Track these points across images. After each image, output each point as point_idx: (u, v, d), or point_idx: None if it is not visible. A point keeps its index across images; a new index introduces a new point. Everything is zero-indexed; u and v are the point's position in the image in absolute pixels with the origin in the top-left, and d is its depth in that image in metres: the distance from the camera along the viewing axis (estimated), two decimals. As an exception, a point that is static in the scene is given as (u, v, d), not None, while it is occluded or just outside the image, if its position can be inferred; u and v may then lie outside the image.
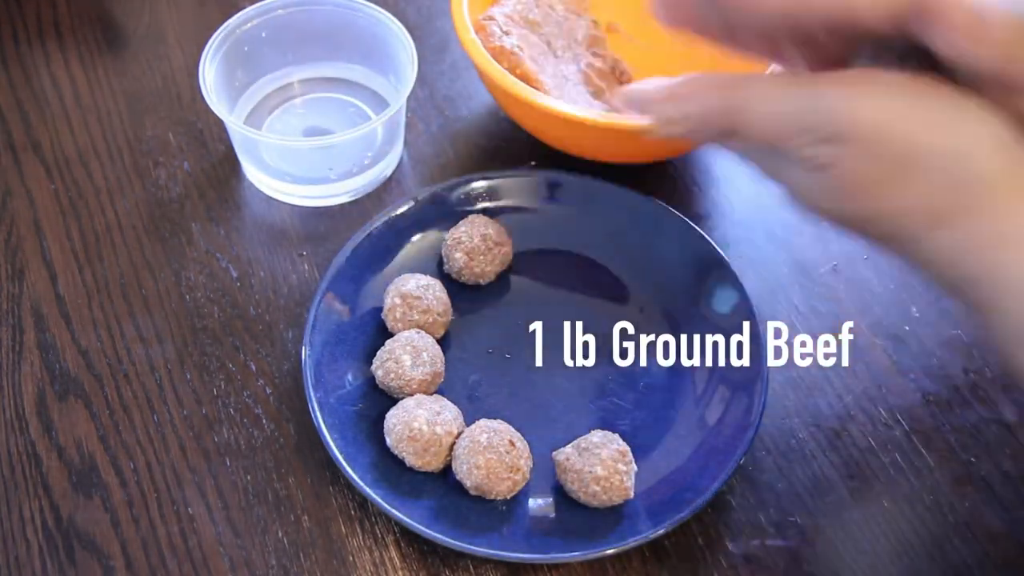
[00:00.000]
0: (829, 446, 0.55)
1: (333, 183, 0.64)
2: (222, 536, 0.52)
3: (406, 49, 0.63)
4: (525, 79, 0.60)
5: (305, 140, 0.66)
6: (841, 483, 0.54)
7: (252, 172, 0.65)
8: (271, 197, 0.65)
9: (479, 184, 0.62)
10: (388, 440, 0.52)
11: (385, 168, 0.65)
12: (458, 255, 0.58)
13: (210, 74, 0.62)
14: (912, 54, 0.39)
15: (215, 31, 0.64)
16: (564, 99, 0.62)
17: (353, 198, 0.65)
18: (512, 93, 0.58)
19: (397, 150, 0.66)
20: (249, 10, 0.65)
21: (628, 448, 0.51)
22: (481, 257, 0.58)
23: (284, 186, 0.64)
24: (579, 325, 0.59)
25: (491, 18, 0.62)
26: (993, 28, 0.37)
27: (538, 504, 0.52)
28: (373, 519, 0.52)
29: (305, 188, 0.64)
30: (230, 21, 0.64)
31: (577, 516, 0.51)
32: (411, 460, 0.51)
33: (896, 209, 0.40)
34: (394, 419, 0.52)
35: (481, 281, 0.59)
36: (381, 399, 0.55)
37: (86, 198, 0.64)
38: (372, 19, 0.65)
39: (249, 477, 0.53)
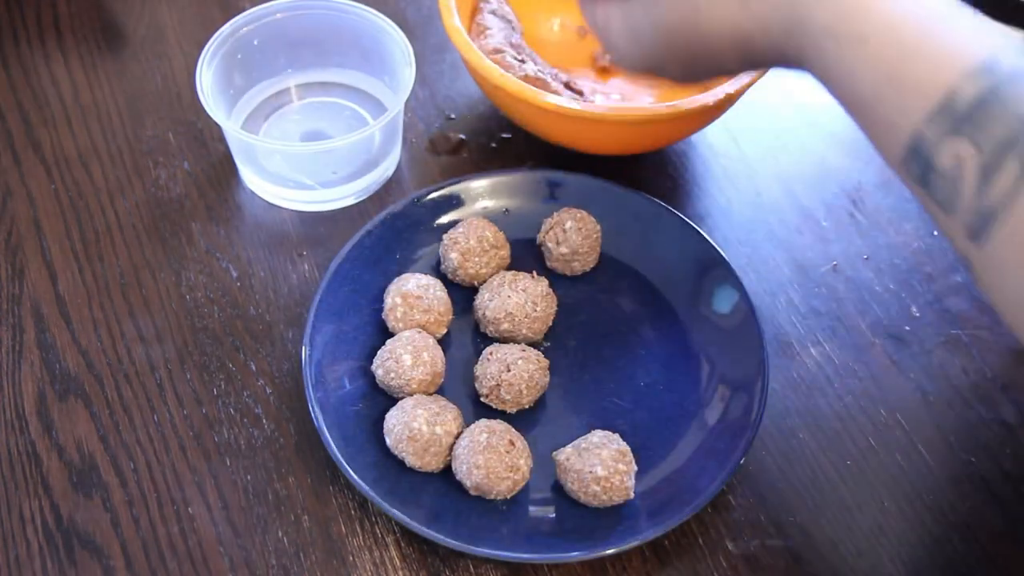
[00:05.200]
0: (829, 446, 0.55)
1: (332, 188, 0.64)
2: (222, 536, 0.52)
3: (403, 52, 0.63)
4: None
5: (303, 145, 0.66)
6: (841, 483, 0.54)
7: (250, 178, 0.65)
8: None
9: (479, 184, 0.62)
10: (388, 440, 0.52)
11: (384, 170, 0.65)
12: (453, 255, 0.58)
13: (207, 79, 0.62)
14: None
15: (212, 35, 0.64)
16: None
17: (354, 201, 0.65)
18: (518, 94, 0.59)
19: (396, 152, 0.66)
20: (245, 15, 0.65)
21: (628, 448, 0.51)
22: (476, 259, 0.58)
23: (283, 191, 0.64)
24: (578, 325, 0.59)
25: (500, 50, 0.63)
26: None
27: (538, 504, 0.52)
28: (373, 519, 0.52)
29: (304, 193, 0.64)
30: (226, 27, 0.64)
31: (577, 516, 0.51)
32: (411, 460, 0.51)
33: None
34: (394, 419, 0.52)
35: (476, 283, 0.59)
36: (381, 399, 0.55)
37: (86, 198, 0.64)
38: (368, 23, 0.65)
39: (249, 477, 0.53)
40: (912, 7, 0.38)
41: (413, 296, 0.56)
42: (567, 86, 0.65)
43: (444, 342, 0.57)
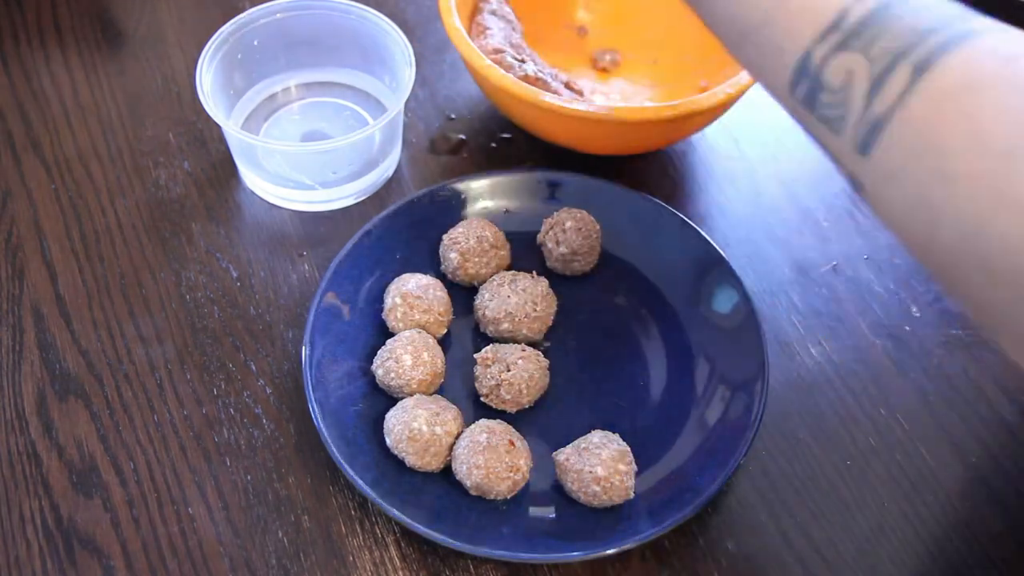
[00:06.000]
0: (829, 446, 0.55)
1: (332, 188, 0.64)
2: (222, 536, 0.52)
3: (403, 52, 0.63)
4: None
5: (303, 145, 0.66)
6: (841, 483, 0.54)
7: (251, 179, 0.65)
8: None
9: (479, 184, 0.62)
10: (388, 440, 0.52)
11: (385, 170, 0.65)
12: (453, 255, 0.58)
13: (207, 79, 0.62)
14: None
15: (212, 35, 0.64)
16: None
17: (354, 201, 0.65)
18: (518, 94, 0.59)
19: (396, 152, 0.66)
20: (245, 15, 0.65)
21: (628, 448, 0.51)
22: (476, 259, 0.58)
23: (283, 191, 0.64)
24: (578, 325, 0.59)
25: (500, 50, 0.63)
26: None
27: (538, 504, 0.52)
28: (373, 519, 0.52)
29: (304, 193, 0.64)
30: (226, 27, 0.64)
31: (577, 516, 0.51)
32: (411, 460, 0.51)
33: None
34: (394, 419, 0.52)
35: (475, 283, 0.59)
36: (381, 399, 0.55)
37: (86, 198, 0.64)
38: (368, 23, 0.65)
39: (249, 477, 0.53)
40: None
41: (413, 296, 0.56)
42: (567, 86, 0.65)
43: (444, 342, 0.57)
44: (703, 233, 0.59)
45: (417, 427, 0.51)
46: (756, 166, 0.68)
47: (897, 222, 0.37)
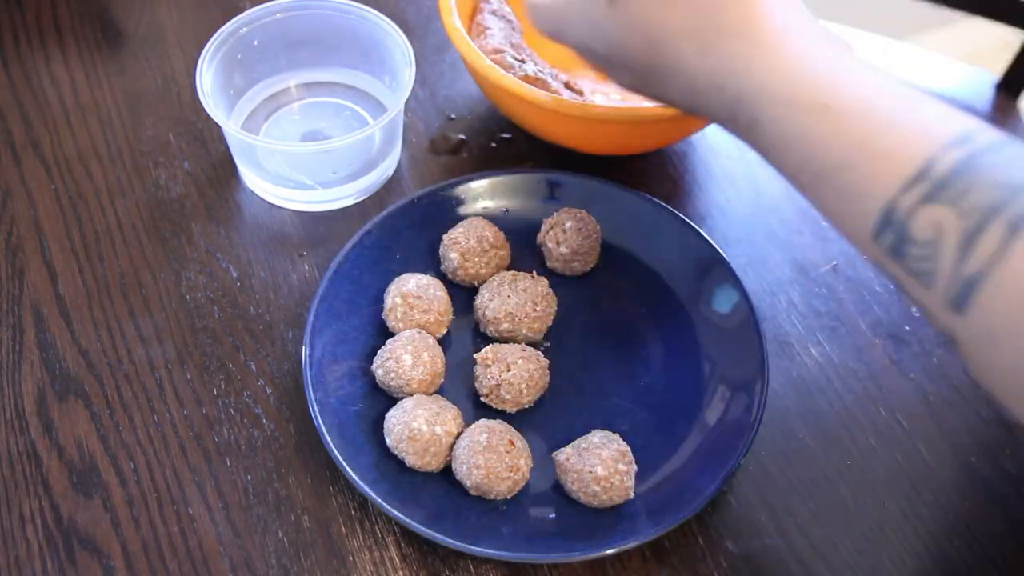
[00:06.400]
0: (829, 446, 0.55)
1: (332, 188, 0.64)
2: (222, 536, 0.52)
3: (403, 52, 0.63)
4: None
5: (303, 145, 0.66)
6: (841, 483, 0.54)
7: (251, 178, 0.65)
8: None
9: (479, 184, 0.62)
10: (388, 440, 0.52)
11: (385, 170, 0.65)
12: (453, 255, 0.58)
13: (207, 79, 0.62)
14: None
15: (212, 35, 0.64)
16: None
17: (354, 201, 0.65)
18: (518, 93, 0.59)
19: (396, 152, 0.66)
20: (245, 15, 0.65)
21: (628, 448, 0.51)
22: (476, 259, 0.58)
23: (283, 191, 0.64)
24: (578, 325, 0.59)
25: (500, 50, 0.63)
26: None
27: (538, 504, 0.52)
28: (373, 519, 0.52)
29: (304, 193, 0.64)
30: (226, 27, 0.64)
31: (577, 516, 0.51)
32: (411, 460, 0.51)
33: (668, 31, 0.43)
34: (394, 419, 0.52)
35: (475, 283, 0.59)
36: (381, 399, 0.55)
37: (86, 198, 0.64)
38: (368, 23, 0.65)
39: (249, 477, 0.53)
40: (877, 88, 0.39)
41: (413, 296, 0.56)
42: (567, 86, 0.65)
43: (444, 342, 0.57)
44: (703, 233, 0.59)
45: (417, 427, 0.51)
46: (756, 166, 0.68)
47: (997, 383, 0.36)
